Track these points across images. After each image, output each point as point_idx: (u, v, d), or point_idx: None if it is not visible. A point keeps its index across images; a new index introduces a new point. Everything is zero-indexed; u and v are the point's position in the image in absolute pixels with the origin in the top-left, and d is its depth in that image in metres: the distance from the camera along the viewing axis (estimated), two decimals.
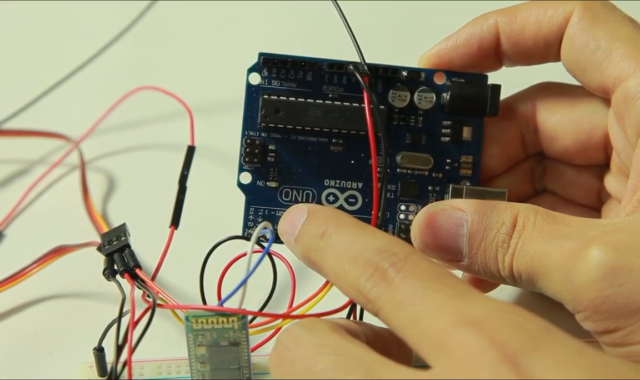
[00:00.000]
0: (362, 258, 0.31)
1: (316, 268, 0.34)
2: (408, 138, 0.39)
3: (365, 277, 0.31)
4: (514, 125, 0.40)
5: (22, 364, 0.40)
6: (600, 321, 0.32)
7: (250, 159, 0.39)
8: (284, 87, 0.39)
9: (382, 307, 0.30)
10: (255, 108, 0.38)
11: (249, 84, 0.39)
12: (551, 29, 0.38)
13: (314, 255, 0.33)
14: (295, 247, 0.34)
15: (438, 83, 0.39)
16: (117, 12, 0.68)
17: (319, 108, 0.38)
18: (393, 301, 0.30)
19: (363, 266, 0.31)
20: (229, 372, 0.36)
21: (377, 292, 0.30)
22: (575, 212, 0.41)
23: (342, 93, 0.39)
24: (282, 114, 0.38)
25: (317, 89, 0.39)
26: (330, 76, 0.39)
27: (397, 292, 0.30)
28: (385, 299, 0.30)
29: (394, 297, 0.30)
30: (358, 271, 0.31)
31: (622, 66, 0.35)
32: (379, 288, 0.30)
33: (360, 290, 0.31)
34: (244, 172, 0.39)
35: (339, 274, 0.32)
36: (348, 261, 0.31)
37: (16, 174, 0.54)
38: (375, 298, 0.30)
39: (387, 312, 0.30)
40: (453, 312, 0.28)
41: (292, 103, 0.38)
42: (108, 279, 0.38)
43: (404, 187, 0.40)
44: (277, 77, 0.39)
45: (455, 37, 0.39)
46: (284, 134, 0.39)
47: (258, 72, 0.39)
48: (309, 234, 0.34)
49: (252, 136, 0.39)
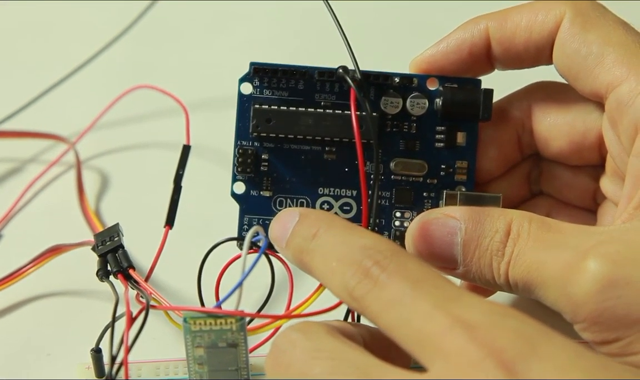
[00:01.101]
0: (348, 257, 0.31)
1: (307, 270, 0.33)
2: (402, 145, 0.39)
3: (350, 274, 0.30)
4: (509, 127, 0.40)
5: (19, 364, 0.40)
6: (599, 332, 0.32)
7: (244, 169, 0.38)
8: (276, 96, 0.38)
9: (369, 306, 0.30)
10: (247, 118, 0.38)
11: (240, 94, 0.39)
12: (542, 35, 0.37)
13: (305, 257, 0.33)
14: (286, 249, 0.34)
15: (431, 89, 0.39)
16: (115, 12, 0.68)
17: (311, 116, 0.38)
18: (380, 300, 0.29)
19: (348, 264, 0.31)
20: (227, 374, 0.36)
21: (361, 290, 0.30)
22: (571, 214, 0.40)
23: (334, 101, 0.39)
24: (273, 123, 0.38)
25: (309, 98, 0.39)
26: (322, 84, 0.39)
27: (384, 291, 0.29)
28: (371, 298, 0.30)
29: (382, 296, 0.29)
30: (343, 269, 0.31)
31: (614, 72, 0.35)
32: (363, 286, 0.30)
33: (346, 288, 0.31)
34: (237, 182, 0.39)
35: (327, 273, 0.32)
36: (335, 260, 0.31)
37: (12, 173, 0.54)
38: (361, 296, 0.30)
39: (375, 312, 0.30)
40: (447, 315, 0.28)
41: (283, 112, 0.38)
42: (101, 279, 0.38)
43: (399, 194, 0.39)
44: (268, 86, 0.38)
45: (445, 42, 0.39)
46: (276, 143, 0.39)
47: (250, 82, 0.38)
48: (300, 235, 0.33)
49: (245, 146, 0.39)
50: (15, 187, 0.52)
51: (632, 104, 0.34)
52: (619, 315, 0.31)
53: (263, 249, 0.34)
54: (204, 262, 0.39)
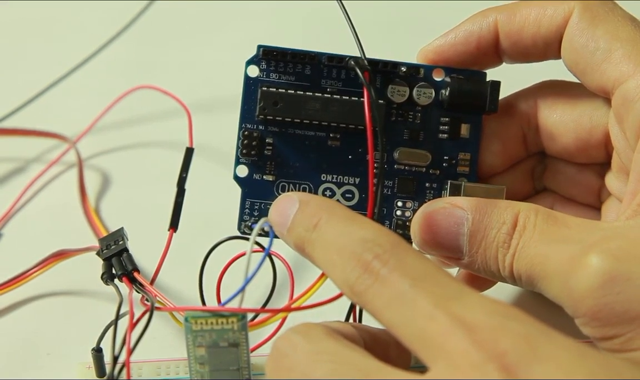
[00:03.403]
0: (348, 249, 0.31)
1: (309, 259, 0.33)
2: (406, 134, 0.39)
3: (350, 268, 0.30)
4: (515, 123, 0.40)
5: (20, 364, 0.40)
6: (599, 328, 0.32)
7: (247, 152, 0.38)
8: (282, 80, 0.38)
9: (370, 301, 0.30)
10: (253, 100, 0.38)
11: (247, 77, 0.38)
12: (550, 29, 0.37)
13: (306, 247, 0.33)
14: (287, 238, 0.34)
15: (437, 79, 0.39)
16: (114, 11, 0.68)
17: (318, 101, 0.38)
18: (382, 297, 0.29)
19: (348, 257, 0.30)
20: (228, 373, 0.35)
21: (361, 285, 0.30)
22: (574, 211, 0.41)
23: (340, 87, 0.38)
24: (280, 106, 0.37)
25: (315, 83, 0.38)
26: (329, 70, 0.38)
27: (385, 287, 0.29)
28: (372, 294, 0.30)
29: (383, 292, 0.29)
30: (344, 262, 0.30)
31: (621, 68, 0.35)
32: (363, 280, 0.30)
33: (347, 282, 0.30)
34: (240, 165, 0.39)
35: (328, 266, 0.32)
36: (336, 252, 0.31)
37: (13, 172, 0.54)
38: (362, 291, 0.30)
39: (376, 308, 0.30)
40: (449, 314, 0.28)
41: (291, 95, 0.38)
42: (106, 283, 0.39)
43: (401, 184, 0.39)
44: (275, 70, 0.38)
45: (453, 34, 0.39)
46: (281, 127, 0.38)
47: (256, 65, 0.38)
48: (302, 225, 0.33)
49: (250, 129, 0.38)
50: (15, 186, 0.52)
51: (638, 100, 0.35)
52: (618, 311, 0.31)
53: (268, 250, 0.34)
54: (205, 262, 0.38)
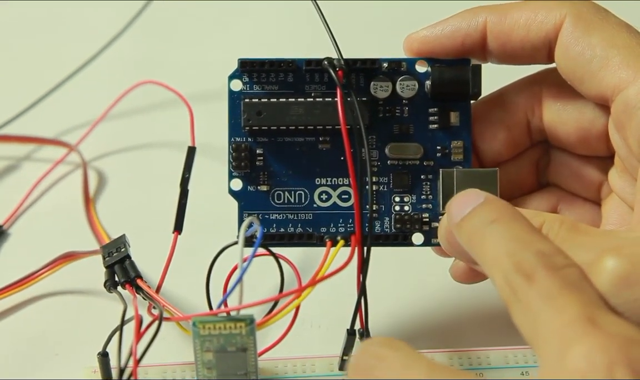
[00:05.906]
0: (520, 255, 0.30)
1: (470, 248, 0.33)
2: (396, 129, 0.39)
3: (513, 274, 0.30)
4: (519, 110, 0.40)
5: (27, 364, 0.41)
6: None
7: (239, 165, 0.39)
8: (266, 91, 0.39)
9: (524, 306, 0.30)
10: (238, 114, 0.39)
11: (230, 91, 0.39)
12: (539, 35, 0.37)
13: (476, 237, 0.33)
14: (460, 225, 0.33)
15: (420, 71, 0.39)
16: (115, 10, 0.67)
17: (302, 106, 0.38)
18: (536, 301, 0.29)
19: (516, 263, 0.30)
20: (236, 378, 0.36)
21: (522, 288, 0.30)
22: (579, 208, 0.40)
23: (325, 91, 0.39)
24: (265, 116, 0.38)
25: (299, 89, 0.39)
26: (311, 74, 0.39)
27: (545, 301, 0.29)
28: (531, 297, 0.29)
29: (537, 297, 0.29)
30: (509, 266, 0.30)
31: (620, 74, 0.35)
32: (526, 286, 0.30)
33: (509, 282, 0.30)
34: (234, 179, 0.39)
35: (491, 262, 0.31)
36: (505, 253, 0.31)
37: (17, 172, 0.54)
38: (520, 298, 0.30)
39: (529, 313, 0.30)
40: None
41: (273, 104, 0.38)
42: (109, 290, 0.39)
43: (396, 178, 0.39)
44: (257, 81, 0.39)
45: (441, 27, 0.39)
46: (270, 137, 0.39)
47: (239, 79, 0.39)
48: (480, 217, 0.33)
49: (238, 142, 0.39)
50: (21, 185, 0.52)
51: (639, 107, 0.34)
52: (630, 315, 0.30)
53: (259, 241, 0.34)
54: (212, 268, 0.38)
